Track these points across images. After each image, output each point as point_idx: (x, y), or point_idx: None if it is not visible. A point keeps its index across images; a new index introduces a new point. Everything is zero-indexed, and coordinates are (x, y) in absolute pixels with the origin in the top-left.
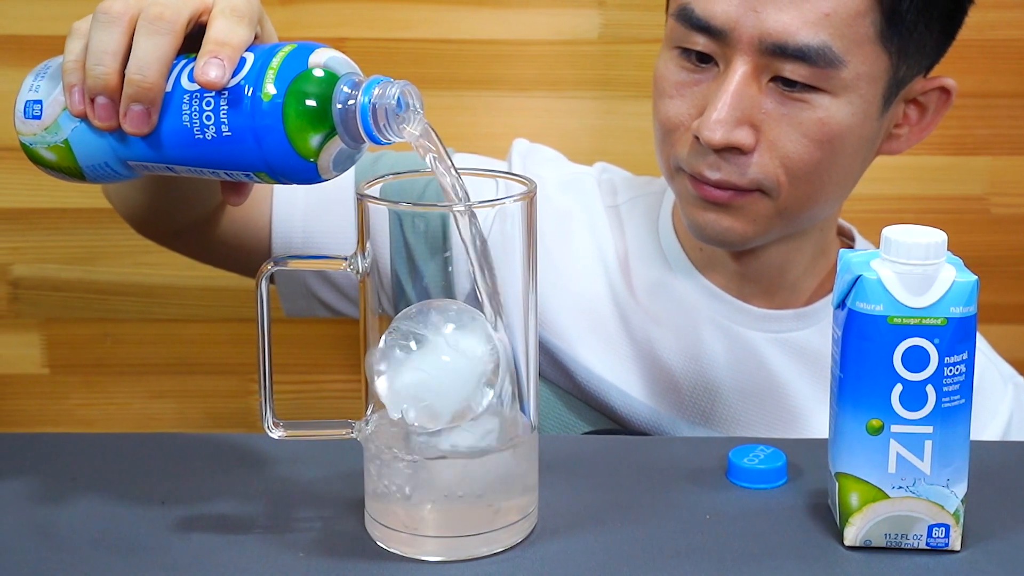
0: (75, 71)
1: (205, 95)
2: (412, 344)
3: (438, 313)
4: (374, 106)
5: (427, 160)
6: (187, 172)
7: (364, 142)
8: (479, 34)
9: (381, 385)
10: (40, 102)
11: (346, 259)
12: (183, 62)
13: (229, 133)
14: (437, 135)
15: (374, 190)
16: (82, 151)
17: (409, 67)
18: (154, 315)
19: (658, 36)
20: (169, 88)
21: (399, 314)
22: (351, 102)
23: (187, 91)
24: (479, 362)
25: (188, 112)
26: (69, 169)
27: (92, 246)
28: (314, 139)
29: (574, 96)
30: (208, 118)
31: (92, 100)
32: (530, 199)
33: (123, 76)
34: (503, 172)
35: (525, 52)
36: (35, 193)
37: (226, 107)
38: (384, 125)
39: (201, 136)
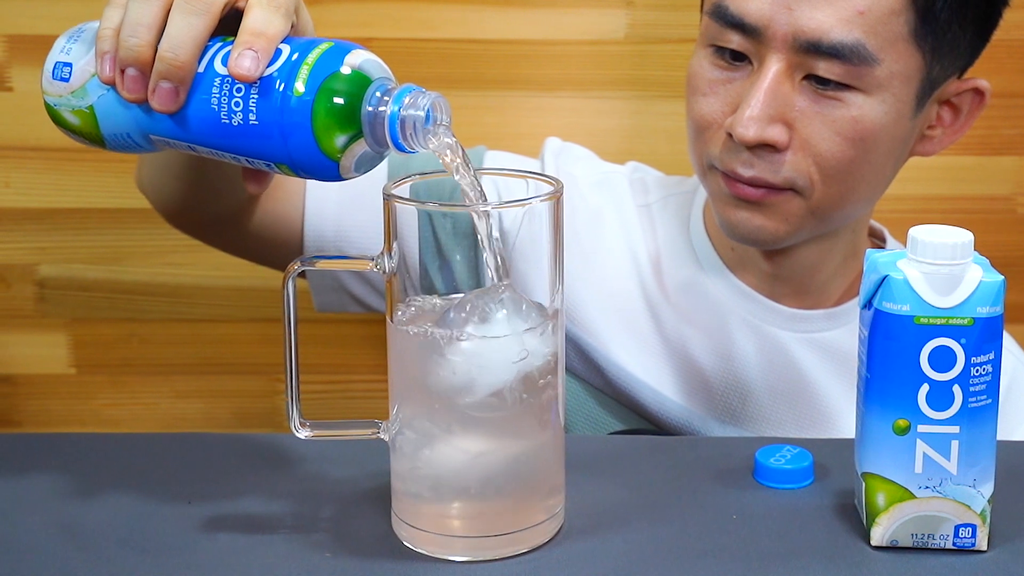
0: (109, 39)
1: (237, 82)
2: (471, 326)
3: (488, 298)
4: (403, 116)
5: (453, 174)
6: (208, 154)
7: (389, 148)
8: (505, 34)
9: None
10: (70, 65)
11: (373, 259)
12: (218, 45)
13: (256, 122)
14: (463, 151)
15: (402, 189)
16: (106, 119)
17: (435, 67)
18: (181, 315)
19: (685, 36)
20: (201, 69)
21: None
22: (381, 108)
23: (219, 75)
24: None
25: (217, 96)
26: (90, 135)
27: (118, 246)
28: (340, 139)
29: (601, 96)
30: (237, 104)
31: (122, 71)
32: (557, 199)
33: (156, 51)
34: (531, 172)
35: (551, 52)
36: (61, 193)
37: (256, 97)
38: (411, 135)
39: (227, 121)
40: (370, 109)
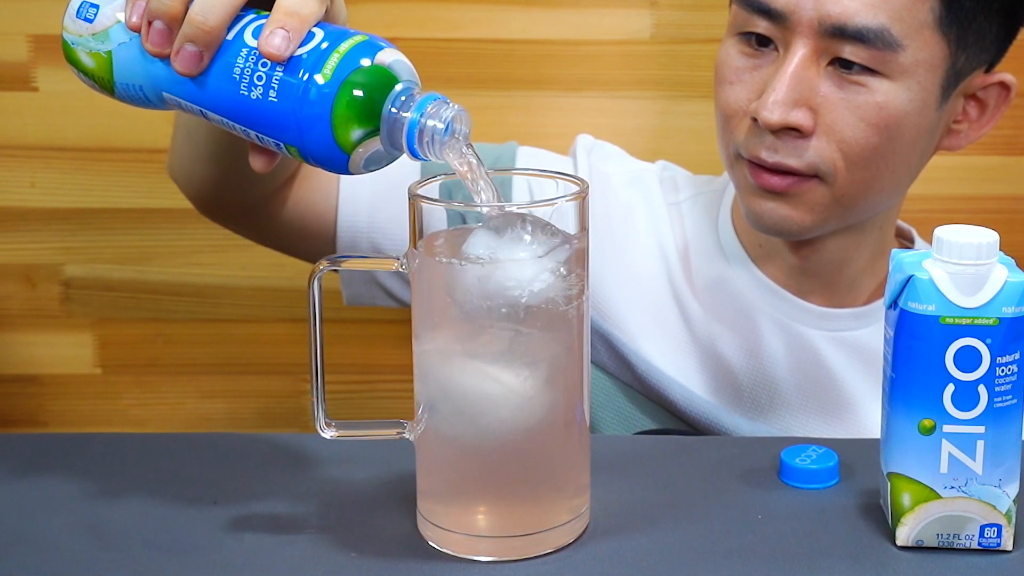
0: None
1: (263, 56)
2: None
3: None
4: (422, 125)
5: (469, 187)
6: (218, 122)
7: (403, 152)
8: (530, 34)
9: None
10: (97, 6)
11: (399, 259)
12: (252, 16)
13: (275, 100)
14: (482, 164)
15: (428, 189)
16: (122, 68)
17: (460, 67)
18: (206, 315)
19: (710, 36)
20: (230, 37)
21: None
22: (403, 113)
23: (247, 46)
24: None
25: (241, 66)
26: (102, 80)
27: (144, 246)
28: (356, 134)
29: (626, 96)
30: (259, 79)
31: (150, 22)
32: (582, 199)
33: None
34: (558, 172)
35: (577, 52)
36: (87, 193)
37: (280, 76)
38: (427, 144)
39: (246, 93)
40: (393, 111)
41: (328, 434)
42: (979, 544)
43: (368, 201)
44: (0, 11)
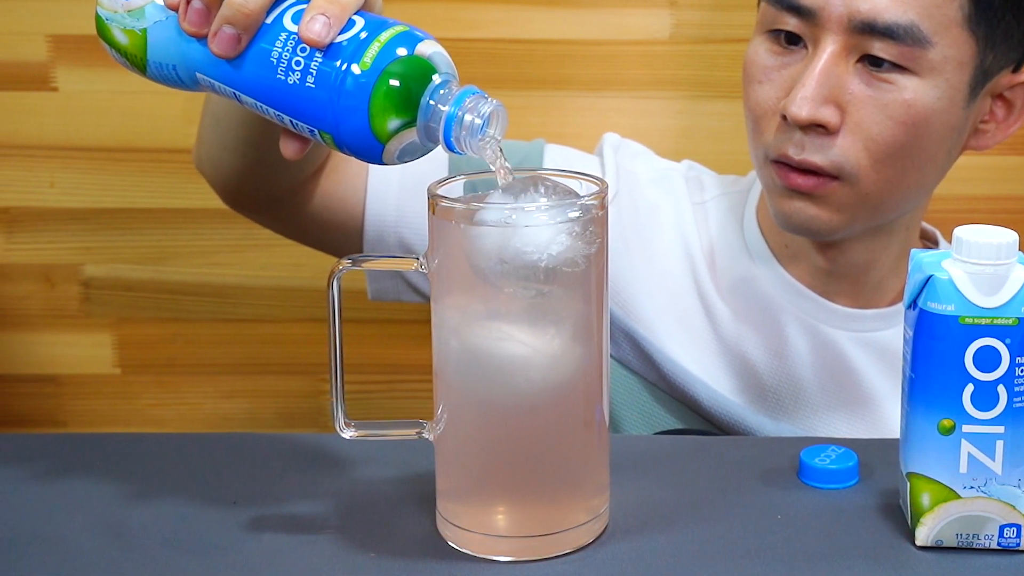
0: None
1: (302, 42)
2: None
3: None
4: (460, 119)
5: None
6: (252, 106)
7: (439, 144)
8: (550, 34)
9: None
10: None
11: (418, 259)
12: (291, 0)
13: (312, 86)
14: (508, 166)
15: (448, 189)
16: (156, 47)
17: (480, 67)
18: (225, 315)
19: (729, 36)
20: (269, 20)
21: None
22: (441, 106)
23: (286, 30)
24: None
25: (279, 51)
26: (134, 58)
27: (163, 246)
28: (393, 124)
29: (646, 96)
30: (297, 63)
31: (188, 1)
32: (601, 199)
33: None
34: (579, 173)
35: (596, 52)
36: (106, 193)
37: (319, 62)
38: (464, 138)
39: (283, 78)
40: (431, 103)
41: (347, 434)
42: (999, 544)
43: (396, 195)
44: (19, 11)
